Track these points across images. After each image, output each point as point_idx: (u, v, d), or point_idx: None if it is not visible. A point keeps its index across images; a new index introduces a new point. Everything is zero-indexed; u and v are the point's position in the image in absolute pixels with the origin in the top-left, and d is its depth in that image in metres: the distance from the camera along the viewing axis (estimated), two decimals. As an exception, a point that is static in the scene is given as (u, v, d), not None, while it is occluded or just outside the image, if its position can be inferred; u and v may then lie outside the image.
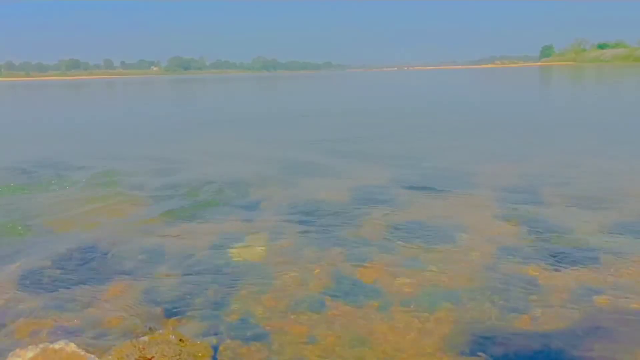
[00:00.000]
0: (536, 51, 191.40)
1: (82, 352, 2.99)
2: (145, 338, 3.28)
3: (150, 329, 3.67)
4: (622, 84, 39.97)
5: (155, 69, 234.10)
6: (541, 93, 35.18)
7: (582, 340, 3.51)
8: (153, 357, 3.12)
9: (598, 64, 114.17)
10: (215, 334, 3.68)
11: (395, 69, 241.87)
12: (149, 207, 7.06)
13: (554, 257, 4.92)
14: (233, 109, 27.68)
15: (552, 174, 8.44)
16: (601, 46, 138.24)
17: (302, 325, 3.80)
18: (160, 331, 3.46)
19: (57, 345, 3.01)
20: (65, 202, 7.46)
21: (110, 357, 3.11)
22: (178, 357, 3.18)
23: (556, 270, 4.63)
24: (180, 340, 3.33)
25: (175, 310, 4.06)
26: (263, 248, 5.40)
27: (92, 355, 3.00)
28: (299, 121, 20.16)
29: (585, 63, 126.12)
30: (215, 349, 3.46)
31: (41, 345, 3.04)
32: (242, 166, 10.01)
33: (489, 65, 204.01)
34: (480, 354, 3.39)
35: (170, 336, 3.35)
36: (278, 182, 8.49)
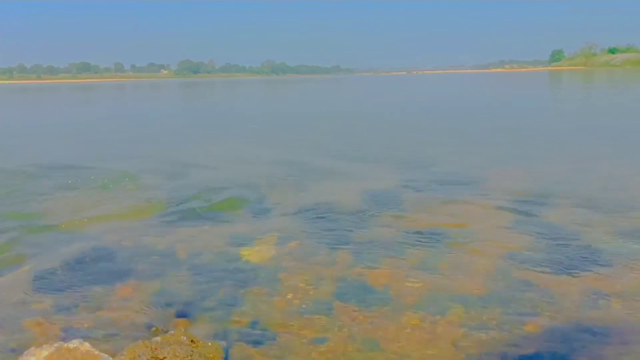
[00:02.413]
0: (546, 55, 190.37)
1: (96, 352, 3.03)
2: (158, 338, 3.32)
3: (162, 329, 3.71)
4: (633, 89, 39.70)
5: (165, 72, 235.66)
6: (551, 98, 35.03)
7: (593, 346, 3.51)
8: (165, 357, 3.16)
9: (609, 69, 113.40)
10: (226, 335, 3.72)
11: (404, 73, 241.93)
12: (160, 209, 7.12)
13: (565, 262, 4.91)
14: (243, 111, 27.79)
15: (562, 179, 8.41)
16: (612, 50, 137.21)
17: (311, 328, 3.82)
18: (172, 332, 3.50)
19: (71, 345, 3.05)
20: (78, 203, 7.54)
21: (123, 357, 3.15)
22: (190, 357, 3.22)
23: (566, 275, 4.62)
24: (191, 341, 3.36)
25: (186, 311, 4.11)
26: (273, 250, 5.44)
27: (106, 355, 3.04)
28: (309, 124, 20.22)
29: (596, 67, 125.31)
30: (226, 350, 3.50)
31: (56, 345, 3.08)
32: (253, 168, 10.06)
33: (499, 70, 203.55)
34: (490, 359, 3.40)
35: (182, 337, 3.38)
36: (288, 185, 8.53)
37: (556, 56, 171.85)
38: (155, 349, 3.20)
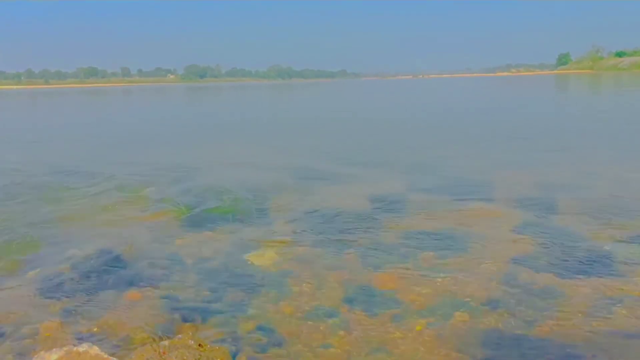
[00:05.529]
0: (553, 59, 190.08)
1: (105, 355, 3.06)
2: (166, 342, 3.35)
3: (169, 334, 3.74)
4: (640, 92, 39.48)
5: (171, 76, 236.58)
6: (558, 102, 34.91)
7: (600, 351, 3.50)
8: (173, 361, 3.18)
9: (616, 72, 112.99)
10: (233, 340, 3.73)
11: (410, 77, 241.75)
12: (166, 214, 7.16)
13: (571, 266, 4.90)
14: (254, 115, 27.89)
15: (569, 183, 8.39)
16: (619, 54, 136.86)
17: (318, 332, 3.84)
18: (180, 336, 3.52)
19: (80, 348, 3.09)
20: (84, 209, 7.59)
21: (131, 360, 3.18)
22: (197, 361, 3.24)
23: (573, 279, 4.61)
24: (199, 345, 3.39)
25: (193, 316, 4.13)
26: (280, 255, 5.46)
27: (115, 358, 3.07)
28: (315, 128, 20.28)
29: (603, 71, 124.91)
30: (234, 354, 3.52)
31: (65, 348, 3.12)
32: (258, 173, 10.10)
33: (505, 73, 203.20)
34: (496, 363, 3.40)
35: (190, 341, 3.41)
36: (294, 189, 8.55)
37: (563, 59, 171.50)
38: (163, 352, 3.23)
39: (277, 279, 4.83)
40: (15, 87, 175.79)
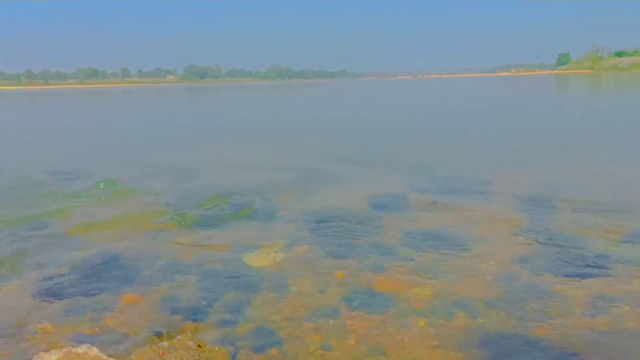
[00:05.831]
0: (553, 59, 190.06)
1: (104, 356, 3.06)
2: (165, 343, 3.34)
3: (169, 334, 3.74)
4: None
5: (171, 77, 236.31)
6: (558, 102, 34.89)
7: (599, 351, 3.49)
8: (172, 362, 3.17)
9: (616, 72, 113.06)
10: (233, 341, 3.73)
11: (410, 77, 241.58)
12: (166, 214, 7.15)
13: (571, 266, 4.90)
14: (249, 115, 27.89)
15: (569, 183, 8.39)
16: (619, 54, 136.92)
17: (318, 333, 3.83)
18: (179, 337, 3.51)
19: (80, 349, 3.08)
20: (83, 210, 7.59)
21: (130, 361, 3.17)
22: (196, 362, 3.23)
23: (573, 279, 4.60)
24: (198, 346, 3.38)
25: (193, 316, 4.12)
26: (280, 256, 5.45)
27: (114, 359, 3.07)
28: (315, 128, 20.27)
29: (603, 71, 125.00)
30: (233, 355, 3.51)
31: (64, 349, 3.12)
32: (258, 173, 10.08)
33: (505, 73, 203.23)
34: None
35: (189, 342, 3.40)
36: (294, 189, 8.55)
37: (563, 59, 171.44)
38: (163, 353, 3.22)
39: (277, 280, 4.82)
40: (15, 87, 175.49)
